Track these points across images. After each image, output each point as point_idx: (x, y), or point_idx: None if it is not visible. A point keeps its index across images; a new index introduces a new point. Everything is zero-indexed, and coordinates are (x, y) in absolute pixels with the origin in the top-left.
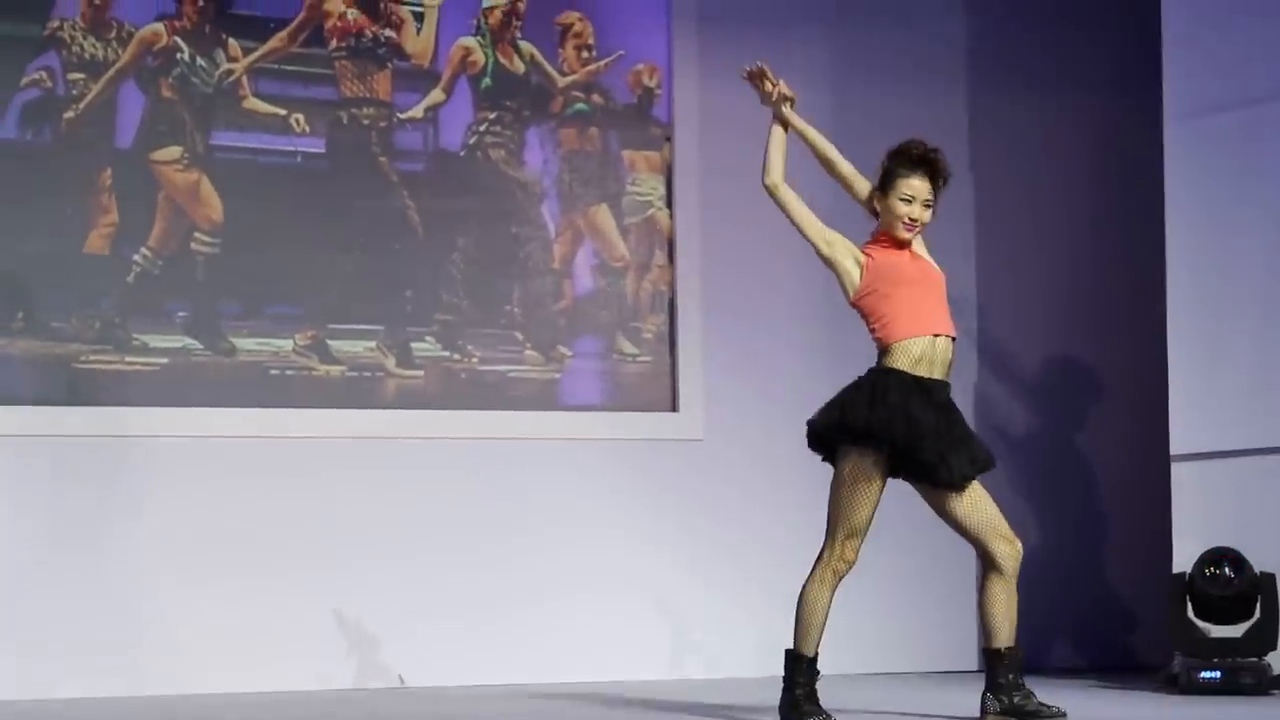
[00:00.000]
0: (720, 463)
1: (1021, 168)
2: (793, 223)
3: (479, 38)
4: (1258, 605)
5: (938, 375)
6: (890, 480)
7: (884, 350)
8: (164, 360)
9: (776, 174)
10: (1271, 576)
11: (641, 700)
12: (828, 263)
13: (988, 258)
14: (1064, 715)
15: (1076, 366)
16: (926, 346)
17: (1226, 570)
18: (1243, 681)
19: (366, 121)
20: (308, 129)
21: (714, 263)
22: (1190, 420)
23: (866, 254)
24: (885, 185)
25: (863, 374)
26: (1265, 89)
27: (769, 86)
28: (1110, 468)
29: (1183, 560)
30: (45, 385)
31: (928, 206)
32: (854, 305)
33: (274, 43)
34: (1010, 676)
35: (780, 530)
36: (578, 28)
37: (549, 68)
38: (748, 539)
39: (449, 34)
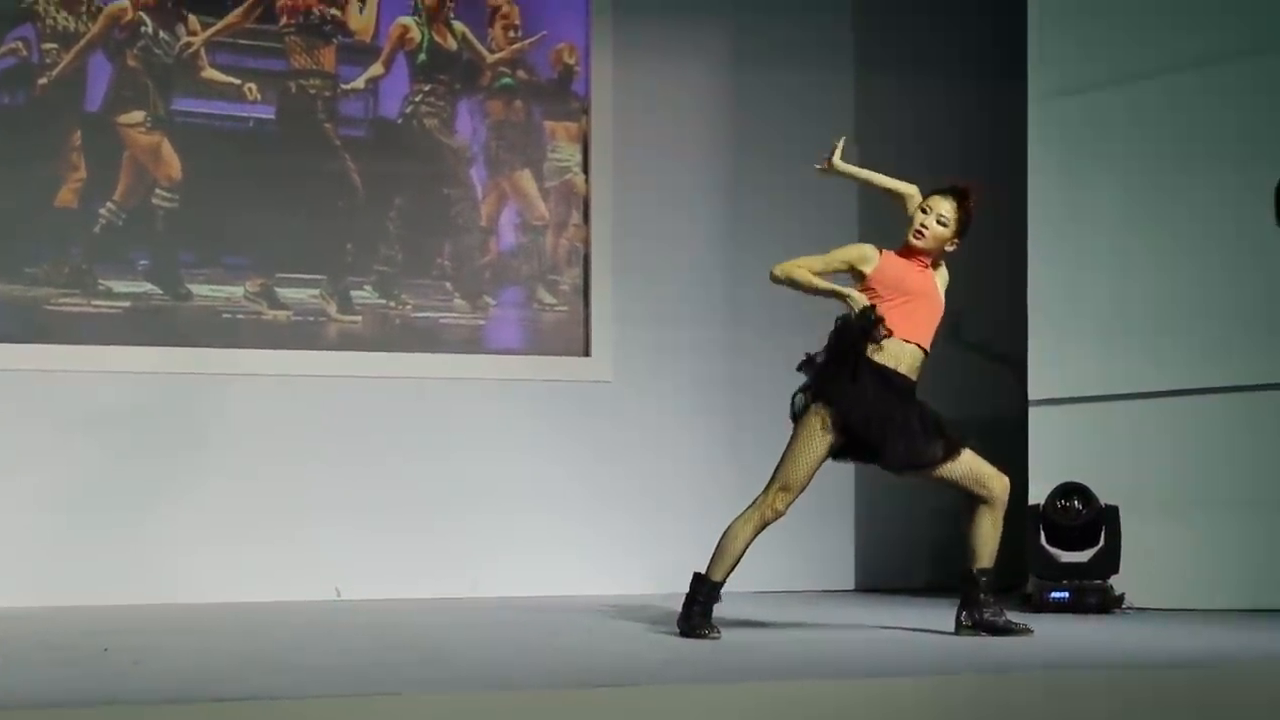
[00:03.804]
0: (626, 402)
1: (902, 143)
2: (809, 291)
3: (416, 17)
4: (1102, 534)
5: (903, 371)
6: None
7: None
8: (127, 303)
9: (779, 268)
10: (1115, 509)
11: (554, 611)
12: (850, 273)
13: (868, 227)
14: (1031, 632)
15: (950, 323)
16: (897, 348)
17: (1075, 503)
18: (1088, 601)
19: (313, 91)
20: (259, 97)
21: (624, 223)
22: (1045, 371)
23: (884, 255)
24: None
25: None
26: (1115, 74)
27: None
28: (977, 411)
29: (1037, 493)
30: (19, 324)
31: (942, 224)
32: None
33: (230, 18)
34: (984, 595)
35: (676, 463)
36: (505, 9)
37: (479, 45)
38: (648, 470)
39: (389, 13)
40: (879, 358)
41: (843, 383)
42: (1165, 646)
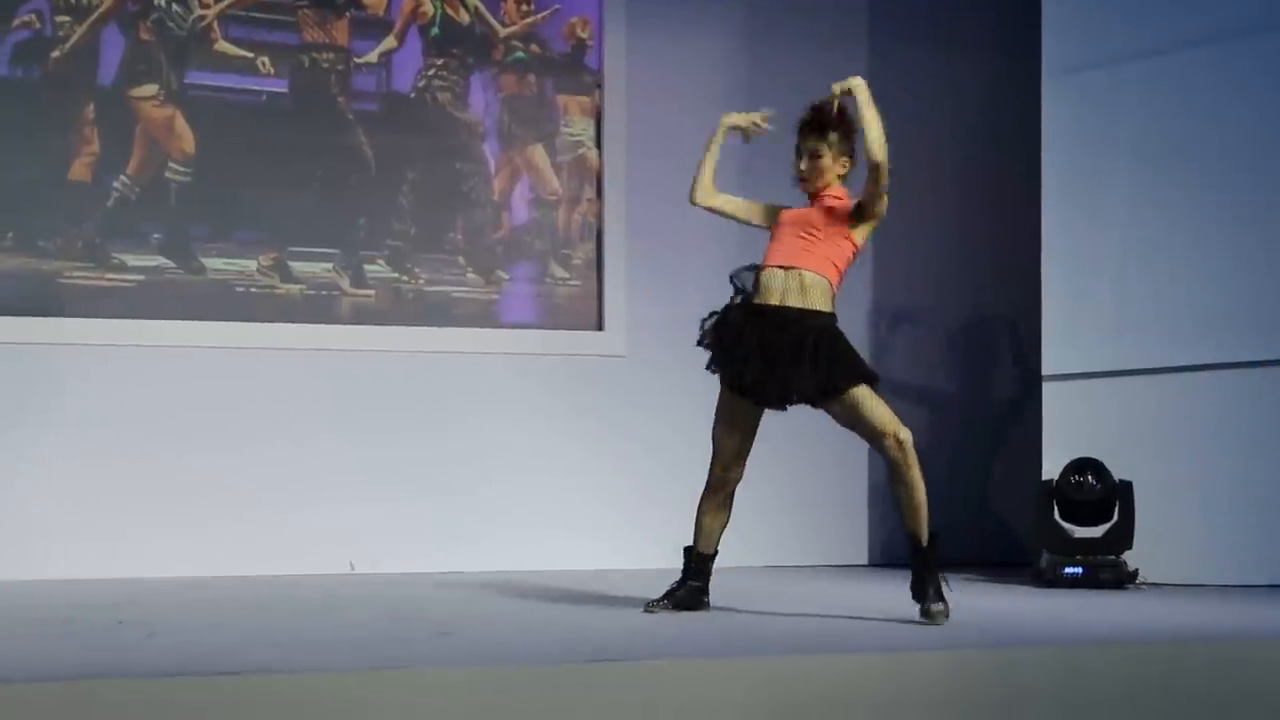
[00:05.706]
0: (640, 377)
1: (915, 118)
2: (736, 220)
3: None
4: (1116, 509)
5: (790, 303)
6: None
7: None
8: (140, 277)
9: (698, 193)
10: (1129, 484)
11: (565, 585)
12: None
13: None
14: (939, 623)
15: (966, 300)
16: (768, 278)
17: (1089, 478)
18: (1102, 577)
19: (326, 65)
20: (273, 70)
21: (638, 197)
22: (1059, 346)
23: (783, 212)
24: None
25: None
26: (1130, 48)
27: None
28: (992, 387)
29: (1051, 468)
30: (32, 298)
31: (817, 157)
32: None
33: None
34: (917, 570)
35: (689, 437)
36: None
37: (491, 19)
38: (661, 445)
39: None
40: (760, 298)
41: (713, 341)
42: (1180, 622)
